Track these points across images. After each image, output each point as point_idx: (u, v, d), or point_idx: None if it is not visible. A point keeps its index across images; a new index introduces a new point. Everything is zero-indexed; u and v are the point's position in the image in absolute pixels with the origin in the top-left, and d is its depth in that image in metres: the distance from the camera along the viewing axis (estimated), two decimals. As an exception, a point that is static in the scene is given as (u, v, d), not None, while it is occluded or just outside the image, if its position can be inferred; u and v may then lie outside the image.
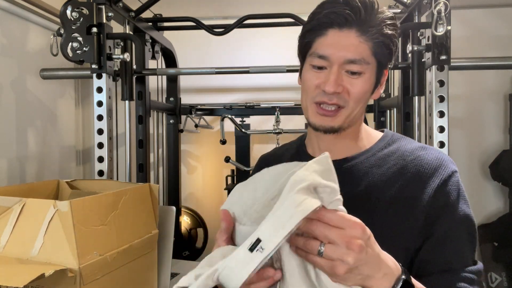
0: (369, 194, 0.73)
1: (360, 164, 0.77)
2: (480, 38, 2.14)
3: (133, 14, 1.55)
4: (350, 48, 0.69)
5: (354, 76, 0.70)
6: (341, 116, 0.72)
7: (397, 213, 0.70)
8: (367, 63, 0.70)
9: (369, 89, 0.73)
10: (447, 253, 0.68)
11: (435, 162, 0.73)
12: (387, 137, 0.81)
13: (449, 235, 0.69)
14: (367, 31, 0.68)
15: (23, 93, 1.74)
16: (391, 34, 0.70)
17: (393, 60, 0.75)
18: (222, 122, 2.02)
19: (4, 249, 0.85)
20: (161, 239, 1.12)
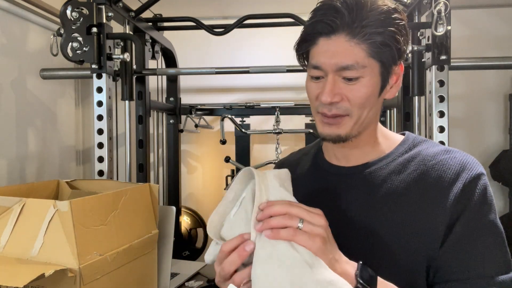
0: (388, 200, 0.70)
1: (379, 170, 0.74)
2: (480, 38, 2.14)
3: (133, 14, 1.55)
4: (340, 55, 0.66)
5: (351, 82, 0.67)
6: (346, 124, 0.70)
7: (417, 219, 0.67)
8: (363, 66, 0.66)
9: (373, 92, 0.69)
10: (469, 264, 0.63)
11: (458, 167, 0.69)
12: (408, 141, 0.77)
13: (469, 245, 0.64)
14: (358, 33, 0.65)
15: (23, 93, 1.74)
16: (388, 30, 0.65)
17: (403, 53, 0.70)
18: (222, 122, 2.02)
19: (4, 249, 0.85)
20: (161, 239, 1.12)
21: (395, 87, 0.74)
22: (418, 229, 0.66)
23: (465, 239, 0.64)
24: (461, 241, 0.64)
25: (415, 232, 0.66)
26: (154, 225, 1.09)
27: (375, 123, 0.76)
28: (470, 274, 0.63)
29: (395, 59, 0.69)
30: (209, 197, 2.44)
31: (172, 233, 1.19)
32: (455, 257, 0.64)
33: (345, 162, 0.78)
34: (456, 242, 0.64)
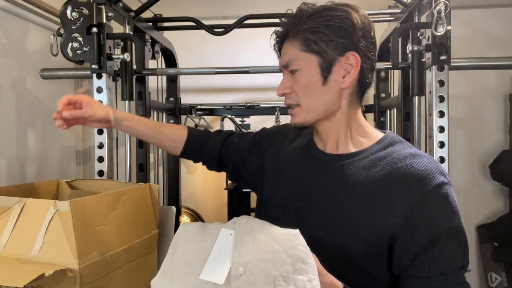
0: (352, 193, 0.78)
1: (352, 163, 0.81)
2: (480, 38, 2.14)
3: (133, 14, 1.55)
4: (283, 55, 0.84)
5: (294, 74, 0.82)
6: (298, 113, 0.83)
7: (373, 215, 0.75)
8: (297, 59, 0.80)
9: (312, 80, 0.80)
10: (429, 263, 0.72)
11: (422, 173, 0.74)
12: (385, 140, 0.83)
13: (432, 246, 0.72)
14: (292, 35, 0.81)
15: (23, 93, 1.74)
16: (311, 26, 0.77)
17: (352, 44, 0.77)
18: (222, 122, 2.02)
19: (4, 249, 0.85)
20: (161, 239, 1.12)
21: (349, 77, 0.79)
22: (375, 223, 0.75)
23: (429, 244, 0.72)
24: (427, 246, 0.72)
25: (371, 225, 0.75)
26: (154, 225, 1.09)
27: (342, 113, 0.83)
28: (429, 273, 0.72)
29: (332, 51, 0.78)
30: (209, 197, 2.45)
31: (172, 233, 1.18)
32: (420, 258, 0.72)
33: (324, 148, 0.87)
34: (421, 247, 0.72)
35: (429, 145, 1.29)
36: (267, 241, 0.62)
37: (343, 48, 0.77)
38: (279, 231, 0.64)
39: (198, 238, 0.66)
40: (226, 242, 0.63)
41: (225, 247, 0.63)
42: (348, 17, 0.77)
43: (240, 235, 0.63)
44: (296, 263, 0.60)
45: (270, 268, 0.60)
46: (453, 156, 1.53)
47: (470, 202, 2.15)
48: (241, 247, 0.62)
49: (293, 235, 0.63)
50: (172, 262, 0.67)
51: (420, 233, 0.72)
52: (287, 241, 0.62)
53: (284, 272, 0.60)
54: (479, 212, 2.16)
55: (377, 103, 1.95)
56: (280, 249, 0.61)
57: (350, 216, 0.77)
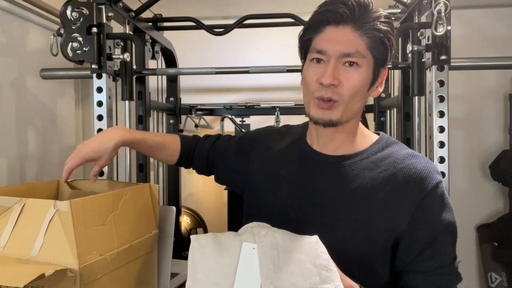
0: (358, 194, 0.78)
1: (354, 164, 0.81)
2: (480, 38, 2.14)
3: (133, 14, 1.55)
4: (345, 42, 0.73)
5: (351, 67, 0.74)
6: (337, 109, 0.77)
7: (381, 215, 0.77)
8: (363, 56, 0.74)
9: (364, 84, 0.76)
10: (430, 258, 0.77)
11: (423, 172, 0.77)
12: (382, 141, 0.85)
13: (432, 243, 0.76)
14: (362, 27, 0.73)
15: (23, 93, 1.74)
16: (385, 30, 0.74)
17: (390, 59, 0.79)
18: (222, 122, 2.02)
19: (4, 249, 0.85)
20: (161, 239, 1.12)
21: (380, 88, 0.82)
22: (381, 223, 0.76)
23: (432, 243, 0.76)
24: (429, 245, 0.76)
25: (377, 225, 0.76)
26: (154, 225, 1.09)
27: (357, 117, 0.84)
28: (430, 267, 0.76)
29: (385, 59, 0.78)
30: (209, 197, 2.45)
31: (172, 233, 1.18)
32: (424, 254, 0.76)
33: (324, 149, 0.85)
34: (425, 245, 0.76)
35: (429, 145, 1.29)
36: (292, 252, 0.61)
37: (387, 60, 0.79)
38: (300, 240, 0.63)
39: (217, 254, 0.64)
40: (250, 257, 0.62)
41: (250, 263, 0.61)
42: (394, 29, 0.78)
43: (263, 249, 0.62)
44: (321, 272, 0.60)
45: (299, 281, 0.59)
46: (453, 156, 1.53)
47: (470, 202, 2.15)
48: (268, 263, 0.60)
49: (314, 243, 0.63)
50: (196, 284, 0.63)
51: (424, 231, 0.76)
52: (310, 250, 0.61)
53: (312, 283, 0.59)
54: (479, 212, 2.16)
55: (377, 103, 1.95)
56: (306, 259, 0.61)
57: (358, 217, 0.77)
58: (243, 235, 0.65)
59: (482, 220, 2.16)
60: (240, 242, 0.63)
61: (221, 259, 0.63)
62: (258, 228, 0.65)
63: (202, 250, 0.65)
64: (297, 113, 2.10)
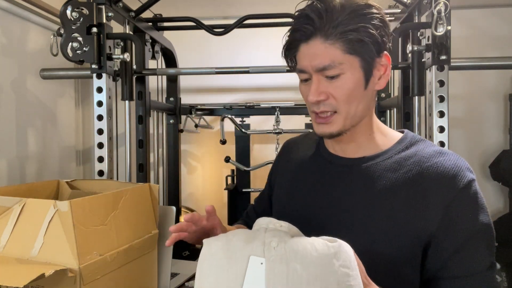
0: (382, 197, 0.74)
1: (376, 165, 0.77)
2: (480, 38, 2.14)
3: (133, 14, 1.55)
4: (318, 56, 0.71)
5: (333, 80, 0.72)
6: (336, 121, 0.75)
7: (407, 218, 0.71)
8: (340, 63, 0.71)
9: (356, 86, 0.73)
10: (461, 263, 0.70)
11: (453, 170, 0.72)
12: (406, 139, 0.79)
13: (463, 247, 0.70)
14: (330, 34, 0.70)
15: (23, 93, 1.74)
16: (360, 26, 0.69)
17: (384, 43, 0.73)
18: (222, 122, 2.02)
19: (4, 249, 0.85)
20: (161, 239, 1.12)
21: (384, 78, 0.76)
22: (409, 226, 0.71)
23: (461, 245, 0.70)
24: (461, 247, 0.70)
25: (405, 229, 0.71)
26: (154, 225, 1.09)
27: (369, 116, 0.79)
28: (464, 272, 0.70)
29: (374, 51, 0.72)
30: (209, 197, 2.45)
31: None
32: (454, 259, 0.70)
33: (342, 153, 0.82)
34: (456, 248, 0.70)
35: (429, 145, 1.29)
36: (302, 269, 0.56)
37: (381, 49, 0.73)
38: (315, 254, 0.57)
39: (224, 266, 0.60)
40: (258, 272, 0.58)
41: (257, 279, 0.57)
42: (383, 14, 0.72)
43: (271, 265, 0.57)
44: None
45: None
46: (453, 156, 1.53)
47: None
48: (275, 282, 0.56)
49: (332, 256, 0.57)
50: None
51: (454, 234, 0.70)
52: (325, 266, 0.56)
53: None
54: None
55: (377, 103, 1.95)
56: (318, 277, 0.55)
57: (381, 222, 0.73)
58: (253, 243, 0.60)
59: (482, 220, 2.16)
60: (249, 254, 0.59)
61: (227, 273, 0.59)
62: (270, 236, 0.60)
63: (211, 259, 0.62)
64: (297, 113, 2.10)
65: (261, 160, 2.11)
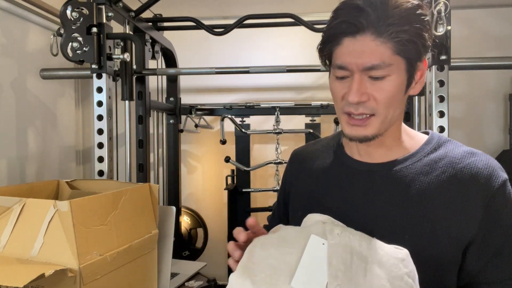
0: (418, 202, 0.71)
1: (406, 169, 0.74)
2: (480, 38, 2.14)
3: (133, 14, 1.55)
4: (367, 54, 0.65)
5: (378, 81, 0.67)
6: (373, 124, 0.70)
7: (447, 221, 0.69)
8: (389, 65, 0.66)
9: (399, 90, 0.68)
10: (499, 267, 0.69)
11: (486, 171, 0.70)
12: (433, 140, 0.77)
13: (502, 249, 0.69)
14: (384, 32, 0.64)
15: (23, 93, 1.74)
16: (413, 27, 0.65)
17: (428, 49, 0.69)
18: (222, 122, 2.02)
19: (4, 249, 0.85)
20: (161, 239, 1.12)
21: (420, 83, 0.73)
22: (449, 230, 0.69)
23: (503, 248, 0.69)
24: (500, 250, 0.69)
25: (445, 232, 0.69)
26: (154, 225, 1.09)
27: (400, 120, 0.76)
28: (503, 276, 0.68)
29: (420, 55, 0.68)
30: (209, 197, 2.44)
31: (172, 233, 1.19)
32: (494, 264, 0.69)
33: (368, 158, 0.78)
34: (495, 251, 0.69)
35: (429, 145, 1.29)
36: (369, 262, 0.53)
37: (426, 51, 0.69)
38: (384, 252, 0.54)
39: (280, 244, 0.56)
40: (318, 252, 0.54)
41: (316, 257, 0.54)
42: (427, 15, 0.67)
43: (335, 248, 0.54)
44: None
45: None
46: (453, 156, 1.53)
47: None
48: (338, 263, 0.52)
49: (399, 260, 0.53)
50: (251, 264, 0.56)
51: (494, 235, 0.69)
52: (392, 267, 0.53)
53: None
54: None
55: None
56: (383, 275, 0.52)
57: (419, 228, 0.70)
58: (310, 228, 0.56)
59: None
60: (308, 234, 0.55)
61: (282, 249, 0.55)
62: (331, 225, 0.56)
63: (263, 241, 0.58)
64: (297, 113, 2.10)
65: (261, 160, 2.11)
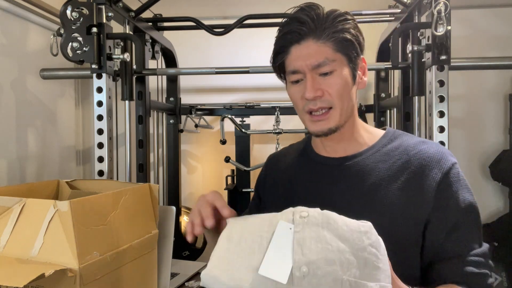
0: (378, 187, 0.79)
1: (367, 159, 0.83)
2: (480, 38, 2.14)
3: (133, 14, 1.55)
4: (312, 55, 0.78)
5: (327, 76, 0.78)
6: (333, 116, 0.80)
7: (404, 203, 0.77)
8: (333, 60, 0.77)
9: (346, 82, 0.79)
10: (456, 242, 0.76)
11: (437, 156, 0.79)
12: (389, 134, 0.87)
13: (457, 225, 0.76)
14: (322, 35, 0.78)
15: (23, 93, 1.74)
16: (344, 28, 0.78)
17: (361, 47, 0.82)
18: (222, 122, 2.02)
19: (4, 249, 0.85)
20: (161, 239, 1.12)
21: (365, 77, 0.85)
22: (407, 211, 0.77)
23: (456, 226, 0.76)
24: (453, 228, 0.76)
25: (404, 214, 0.77)
26: (154, 225, 1.09)
27: (354, 116, 0.85)
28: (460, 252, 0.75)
29: (357, 52, 0.81)
30: (209, 197, 2.44)
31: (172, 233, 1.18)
32: (449, 241, 0.76)
33: (334, 153, 0.87)
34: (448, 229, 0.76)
35: (429, 145, 1.29)
36: (332, 239, 0.55)
37: (361, 49, 0.82)
38: (345, 228, 0.56)
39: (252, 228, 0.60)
40: (285, 236, 0.57)
41: (284, 242, 0.56)
42: (354, 20, 0.82)
43: (302, 230, 0.57)
44: (365, 267, 0.54)
45: (336, 270, 0.53)
46: (453, 156, 1.53)
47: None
48: (303, 244, 0.55)
49: (362, 233, 0.56)
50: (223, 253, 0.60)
51: (448, 212, 0.76)
52: (355, 240, 0.55)
53: (351, 276, 0.53)
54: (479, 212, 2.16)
55: (377, 103, 1.95)
56: (347, 249, 0.55)
57: (382, 211, 0.77)
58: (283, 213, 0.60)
59: (482, 220, 2.14)
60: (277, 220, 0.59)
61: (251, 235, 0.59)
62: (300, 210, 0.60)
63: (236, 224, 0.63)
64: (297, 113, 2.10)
65: (261, 160, 2.11)
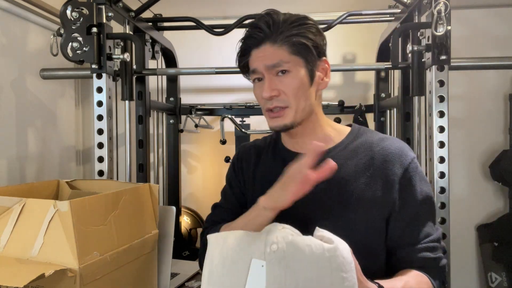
0: (346, 183, 0.85)
1: (336, 156, 0.88)
2: (480, 38, 2.14)
3: (133, 14, 1.55)
4: (268, 57, 0.85)
5: (282, 77, 0.85)
6: (288, 114, 0.86)
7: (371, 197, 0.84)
8: (287, 62, 0.84)
9: (302, 83, 0.85)
10: (415, 231, 0.84)
11: (397, 151, 0.87)
12: (354, 131, 0.93)
13: (416, 216, 0.85)
14: (277, 39, 0.84)
15: (23, 93, 1.74)
16: (299, 32, 0.84)
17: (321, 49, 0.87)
18: (222, 122, 2.02)
19: (4, 249, 0.85)
20: (161, 239, 1.12)
21: (326, 79, 0.91)
22: (373, 203, 0.84)
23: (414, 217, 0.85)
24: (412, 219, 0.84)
25: (370, 206, 0.84)
26: (154, 225, 1.09)
27: (318, 113, 0.92)
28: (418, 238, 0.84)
29: (315, 54, 0.86)
30: (209, 197, 2.44)
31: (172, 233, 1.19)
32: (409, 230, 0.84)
33: (301, 149, 0.92)
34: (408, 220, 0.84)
35: (429, 145, 1.29)
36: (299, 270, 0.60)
37: (321, 53, 0.88)
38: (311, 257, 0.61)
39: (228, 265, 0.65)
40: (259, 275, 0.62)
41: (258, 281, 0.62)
42: (317, 26, 0.88)
43: (271, 267, 0.62)
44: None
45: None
46: (453, 156, 1.53)
47: (470, 202, 2.14)
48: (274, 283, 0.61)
49: (327, 259, 0.61)
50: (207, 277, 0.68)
51: (409, 204, 0.84)
52: (321, 269, 0.60)
53: None
54: (479, 212, 2.16)
55: (377, 103, 1.95)
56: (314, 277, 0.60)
57: (351, 204, 0.84)
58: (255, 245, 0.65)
59: (482, 220, 2.16)
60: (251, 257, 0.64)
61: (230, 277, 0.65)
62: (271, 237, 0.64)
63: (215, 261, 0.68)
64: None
65: (261, 160, 2.11)
